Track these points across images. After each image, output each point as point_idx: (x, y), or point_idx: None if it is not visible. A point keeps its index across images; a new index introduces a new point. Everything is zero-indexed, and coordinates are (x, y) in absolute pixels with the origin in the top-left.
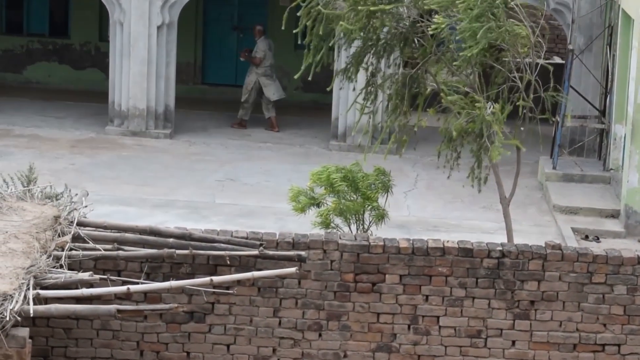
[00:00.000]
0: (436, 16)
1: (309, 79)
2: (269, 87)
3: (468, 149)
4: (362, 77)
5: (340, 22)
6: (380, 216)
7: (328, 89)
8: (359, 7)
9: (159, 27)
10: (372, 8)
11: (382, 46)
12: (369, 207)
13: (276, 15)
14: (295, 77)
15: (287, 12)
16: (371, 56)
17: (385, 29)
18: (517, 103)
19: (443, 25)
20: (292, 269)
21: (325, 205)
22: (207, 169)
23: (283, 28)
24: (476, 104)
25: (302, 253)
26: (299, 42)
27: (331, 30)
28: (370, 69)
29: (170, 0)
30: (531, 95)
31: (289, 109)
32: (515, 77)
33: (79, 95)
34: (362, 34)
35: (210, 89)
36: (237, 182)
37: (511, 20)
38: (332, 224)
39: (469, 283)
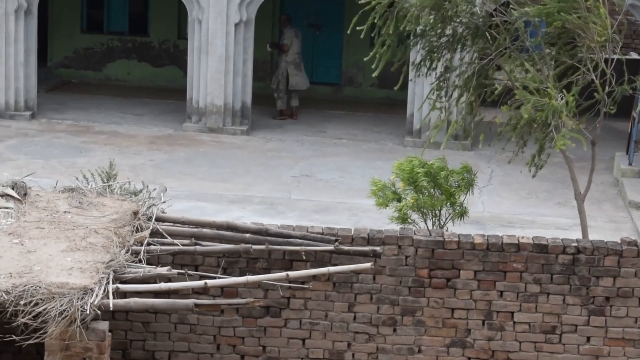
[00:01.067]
0: (513, 11)
1: (374, 75)
2: (294, 76)
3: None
4: (435, 73)
5: (417, 21)
6: (462, 213)
7: (396, 88)
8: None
9: (236, 25)
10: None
11: (455, 40)
12: (449, 204)
13: (353, 12)
14: (374, 75)
15: (359, 14)
16: (444, 50)
17: (458, 22)
18: (595, 96)
19: (518, 21)
20: (367, 265)
21: (405, 200)
22: (282, 165)
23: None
24: (547, 91)
25: (377, 249)
26: (375, 38)
27: (405, 26)
28: (444, 63)
29: None
30: (606, 89)
31: (364, 106)
32: (589, 70)
33: (158, 92)
34: (435, 27)
35: None
36: (312, 178)
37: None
38: (409, 220)
39: (543, 279)
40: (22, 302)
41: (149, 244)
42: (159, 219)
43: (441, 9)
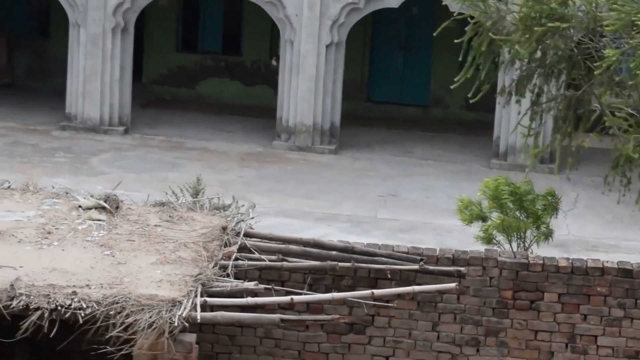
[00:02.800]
0: (607, 50)
1: (470, 97)
2: None
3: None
4: (526, 97)
5: (511, 46)
6: (548, 235)
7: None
8: (535, 28)
9: (327, 46)
10: (549, 25)
11: (549, 68)
12: (534, 226)
13: (442, 34)
14: (472, 100)
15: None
16: (537, 77)
17: (551, 50)
18: None
19: (614, 58)
20: (452, 285)
21: (491, 220)
22: (369, 184)
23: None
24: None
25: (462, 269)
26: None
27: (497, 48)
28: (535, 90)
29: (340, 20)
30: None
31: (451, 127)
32: None
33: (249, 110)
34: (531, 56)
35: (375, 107)
36: (399, 198)
37: None
38: (494, 240)
39: (627, 304)
40: (112, 313)
41: (236, 259)
42: (247, 235)
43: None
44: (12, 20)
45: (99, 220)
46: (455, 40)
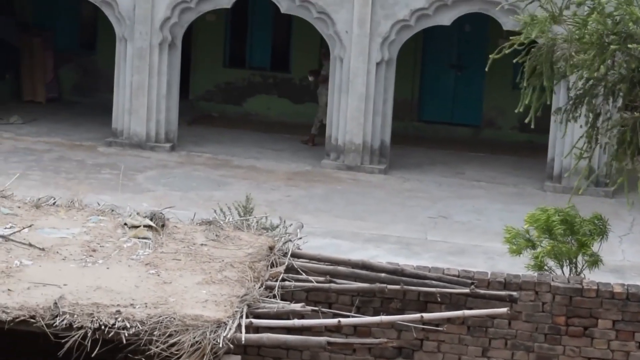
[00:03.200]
0: None
1: (526, 121)
2: (325, 108)
3: None
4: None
5: (573, 67)
6: (594, 262)
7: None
8: (611, 47)
9: (378, 64)
10: (616, 44)
11: (609, 89)
12: (583, 253)
13: (499, 51)
14: (516, 110)
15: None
16: (596, 97)
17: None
18: None
19: None
20: (503, 309)
21: (540, 247)
22: (419, 205)
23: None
24: None
25: (514, 293)
26: (517, 81)
27: (553, 71)
28: (593, 110)
29: (390, 37)
30: None
31: (504, 148)
32: None
33: (297, 128)
34: (592, 75)
35: (426, 127)
36: (449, 220)
37: None
38: (545, 267)
39: None
40: (156, 333)
41: (283, 280)
42: (294, 255)
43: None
44: (58, 35)
45: (144, 238)
46: (514, 60)
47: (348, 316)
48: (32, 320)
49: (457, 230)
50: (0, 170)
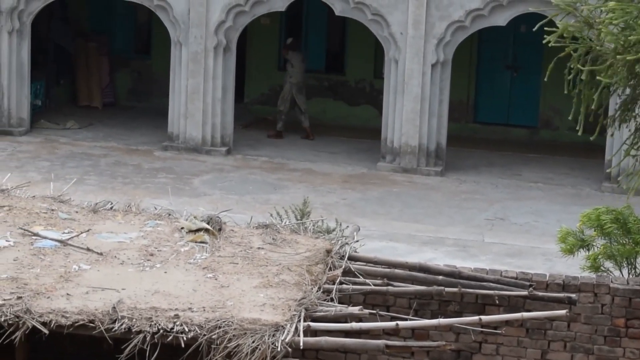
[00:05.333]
0: None
1: (577, 128)
2: (300, 97)
3: None
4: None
5: (602, 75)
6: None
7: (592, 138)
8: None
9: (433, 65)
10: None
11: None
12: (637, 252)
13: (551, 54)
14: (578, 128)
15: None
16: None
17: None
18: None
19: None
20: (562, 312)
21: (595, 248)
22: (476, 207)
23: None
24: None
25: (573, 295)
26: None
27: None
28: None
29: (446, 38)
30: None
31: (561, 149)
32: None
33: (352, 131)
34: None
35: (482, 128)
36: (506, 222)
37: None
38: (601, 268)
39: None
40: (214, 337)
41: (341, 283)
42: (351, 258)
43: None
44: (114, 40)
45: (201, 242)
46: (568, 70)
47: (406, 319)
48: (91, 324)
49: (515, 232)
50: (57, 176)
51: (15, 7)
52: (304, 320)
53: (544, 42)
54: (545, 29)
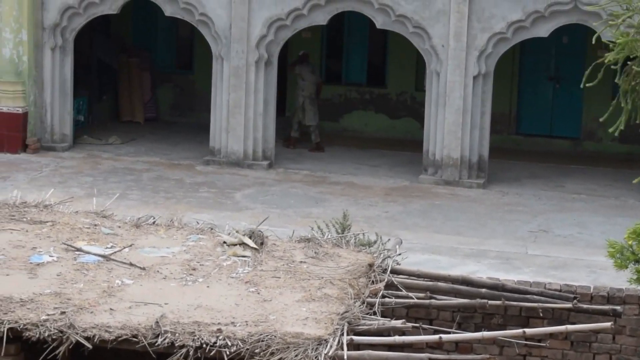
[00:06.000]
0: None
1: (621, 127)
2: (309, 112)
3: None
4: None
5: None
6: None
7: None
8: None
9: (475, 77)
10: None
11: None
12: None
13: (595, 66)
14: (610, 130)
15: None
16: None
17: None
18: None
19: None
20: (607, 324)
21: None
22: (519, 219)
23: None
24: None
25: (618, 308)
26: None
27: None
28: None
29: (487, 50)
30: None
31: (604, 160)
32: None
33: (394, 143)
34: None
35: (525, 140)
36: (550, 234)
37: None
38: None
39: None
40: (257, 351)
41: (383, 296)
42: (393, 272)
43: None
44: (156, 55)
45: (243, 256)
46: (616, 80)
47: (449, 332)
48: (134, 339)
49: (558, 243)
50: (100, 191)
51: (58, 23)
52: (347, 334)
53: (605, 60)
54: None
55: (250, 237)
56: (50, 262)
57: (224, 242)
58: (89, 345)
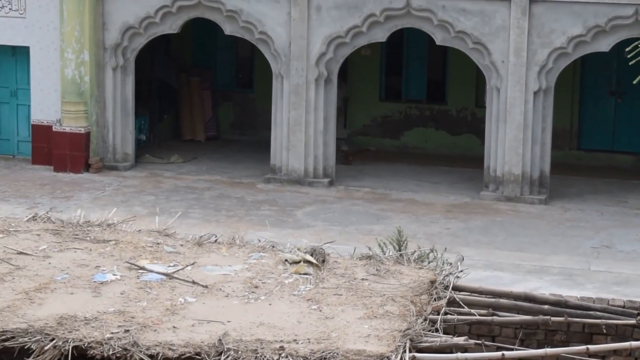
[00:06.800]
0: None
1: None
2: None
3: None
4: None
5: None
6: None
7: None
8: None
9: (535, 93)
10: None
11: None
12: None
13: None
14: None
15: None
16: None
17: None
18: None
19: None
20: None
21: None
22: (581, 235)
23: None
24: None
25: None
26: None
27: None
28: None
29: (548, 66)
30: None
31: None
32: None
33: (454, 160)
34: None
35: (586, 155)
36: (612, 249)
37: None
38: None
39: None
40: None
41: (445, 313)
42: (455, 288)
43: None
44: (216, 74)
45: (305, 274)
46: None
47: (512, 349)
48: (197, 357)
49: (622, 259)
50: (162, 209)
51: (119, 43)
52: (409, 351)
53: None
54: None
55: (311, 255)
56: (114, 281)
57: (286, 260)
58: None
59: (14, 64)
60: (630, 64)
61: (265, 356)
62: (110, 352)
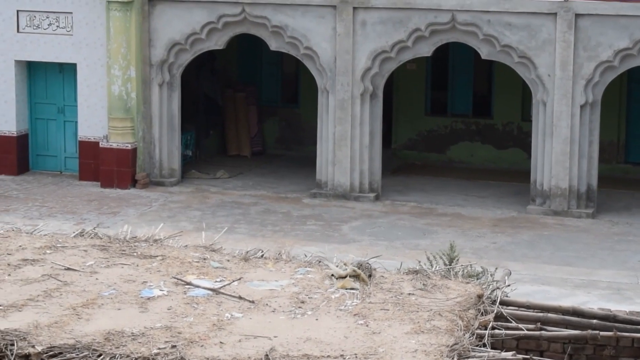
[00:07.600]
0: None
1: None
2: None
3: None
4: None
5: None
6: None
7: None
8: None
9: (582, 106)
10: None
11: None
12: None
13: None
14: None
15: None
16: None
17: None
18: None
19: None
20: None
21: None
22: (629, 249)
23: None
24: None
25: None
26: None
27: None
28: None
29: (594, 79)
30: None
31: None
32: None
33: (501, 174)
34: None
35: (634, 169)
36: None
37: None
38: None
39: None
40: None
41: (493, 328)
42: (503, 303)
43: None
44: (262, 90)
45: (352, 289)
46: None
47: None
48: None
49: None
50: (209, 225)
51: (165, 60)
52: None
53: None
54: None
55: (358, 269)
56: (161, 296)
57: (332, 275)
58: None
59: (62, 81)
60: None
61: None
62: None
